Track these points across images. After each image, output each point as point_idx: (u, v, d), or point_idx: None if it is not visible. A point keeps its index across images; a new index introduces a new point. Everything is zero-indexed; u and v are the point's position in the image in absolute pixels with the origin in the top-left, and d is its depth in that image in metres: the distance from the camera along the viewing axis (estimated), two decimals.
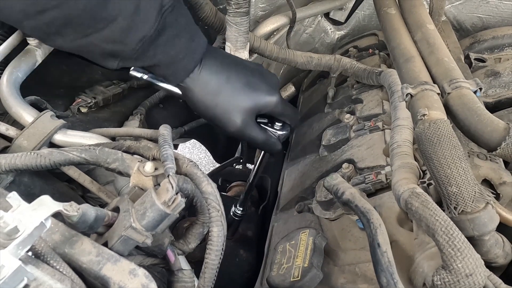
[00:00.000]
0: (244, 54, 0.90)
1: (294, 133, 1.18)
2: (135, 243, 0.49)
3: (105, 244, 0.48)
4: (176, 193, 0.51)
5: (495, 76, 0.95)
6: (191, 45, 0.72)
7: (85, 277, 0.45)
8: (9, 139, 0.74)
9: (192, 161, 0.58)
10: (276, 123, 0.80)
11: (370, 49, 1.21)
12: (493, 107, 0.84)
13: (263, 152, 0.87)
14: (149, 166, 0.56)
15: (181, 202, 0.51)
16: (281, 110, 0.79)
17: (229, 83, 0.74)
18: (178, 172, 0.57)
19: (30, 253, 0.41)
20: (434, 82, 0.68)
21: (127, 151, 0.62)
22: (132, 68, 0.79)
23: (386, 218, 0.62)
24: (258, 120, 0.79)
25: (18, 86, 0.79)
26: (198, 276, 0.54)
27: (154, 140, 0.66)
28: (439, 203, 0.54)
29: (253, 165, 0.96)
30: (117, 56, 0.67)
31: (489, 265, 0.53)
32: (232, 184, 1.35)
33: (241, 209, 0.97)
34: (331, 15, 1.42)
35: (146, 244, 0.49)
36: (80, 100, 0.94)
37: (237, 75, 0.76)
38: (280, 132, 0.80)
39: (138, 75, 0.78)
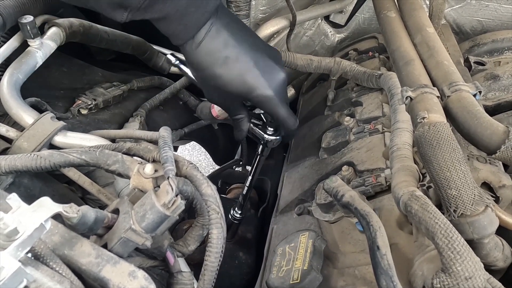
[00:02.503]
0: None
1: None
2: (135, 245, 0.49)
3: (105, 246, 0.48)
4: (176, 195, 0.51)
5: (495, 79, 0.95)
6: None
7: (84, 278, 0.45)
8: (9, 140, 0.74)
9: (192, 163, 0.58)
10: (269, 128, 0.78)
11: (370, 52, 1.21)
12: (492, 110, 0.84)
13: (258, 158, 0.87)
14: (149, 168, 0.56)
15: (180, 204, 0.51)
16: (271, 110, 0.75)
17: (227, 62, 0.71)
18: (178, 174, 0.57)
19: (29, 255, 0.41)
20: (434, 85, 0.68)
21: (127, 153, 0.62)
22: (170, 53, 0.78)
23: (385, 220, 0.62)
24: (252, 120, 0.78)
25: (18, 88, 0.79)
26: (197, 278, 0.53)
27: (154, 142, 0.66)
28: (439, 206, 0.54)
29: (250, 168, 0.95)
30: (126, 6, 0.63)
31: (488, 268, 0.53)
32: (232, 186, 1.35)
33: (239, 212, 0.97)
34: (331, 18, 1.42)
35: (146, 246, 0.49)
36: (80, 101, 0.94)
37: (248, 51, 0.72)
38: (268, 137, 0.78)
39: (173, 60, 0.79)
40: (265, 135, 0.78)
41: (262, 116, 0.80)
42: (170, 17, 0.66)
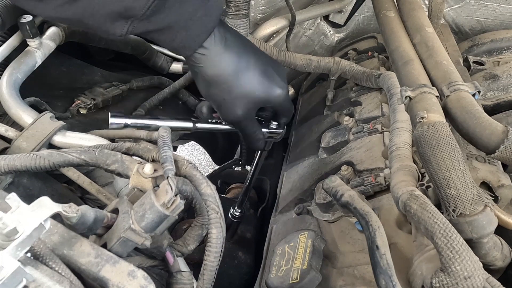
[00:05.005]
0: None
1: (293, 135, 1.18)
2: (134, 244, 0.49)
3: (104, 246, 0.48)
4: (175, 195, 0.51)
5: (494, 79, 0.95)
6: (207, 3, 0.63)
7: (84, 278, 0.45)
8: (8, 140, 0.74)
9: (191, 163, 0.58)
10: (273, 122, 0.79)
11: (369, 52, 1.21)
12: (491, 110, 0.84)
13: (259, 154, 0.87)
14: (148, 167, 0.56)
15: (180, 203, 0.51)
16: (285, 106, 0.75)
17: (248, 67, 0.68)
18: (178, 174, 0.57)
19: (29, 254, 0.41)
20: (433, 85, 0.68)
21: (126, 152, 0.62)
22: (111, 114, 0.70)
23: (385, 220, 0.62)
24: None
25: (17, 87, 0.79)
26: (197, 278, 0.54)
27: (154, 142, 0.66)
28: (438, 206, 0.54)
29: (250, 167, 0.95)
30: (127, 16, 0.58)
31: (487, 267, 0.53)
32: (231, 186, 1.35)
33: (239, 211, 0.97)
34: (330, 18, 1.42)
35: (145, 246, 0.49)
36: (79, 101, 0.94)
37: (256, 60, 0.70)
38: (277, 131, 0.80)
39: (119, 121, 0.69)
40: (276, 131, 0.79)
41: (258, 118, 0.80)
42: (176, 26, 0.61)
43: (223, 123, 0.77)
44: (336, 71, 1.10)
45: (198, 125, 0.76)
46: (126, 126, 0.71)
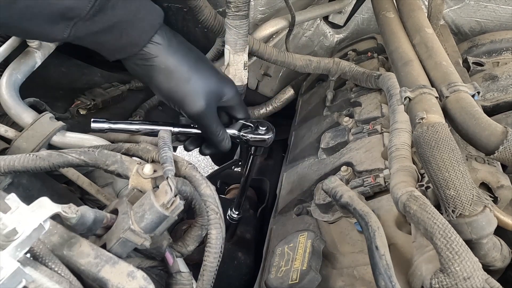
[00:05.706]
0: (243, 57, 0.90)
1: (293, 136, 1.18)
2: (134, 245, 0.49)
3: (104, 246, 0.48)
4: (175, 195, 0.51)
5: (493, 80, 0.95)
6: (149, 3, 0.64)
7: (83, 279, 0.45)
8: (8, 140, 0.74)
9: (191, 164, 0.58)
10: (260, 128, 0.79)
11: (369, 53, 1.21)
12: (491, 111, 0.84)
13: (252, 158, 0.86)
14: (148, 168, 0.57)
15: (179, 204, 0.51)
16: (238, 101, 0.77)
17: (198, 63, 0.70)
18: (177, 174, 0.57)
19: (28, 255, 0.41)
20: (432, 85, 0.68)
21: (126, 153, 0.62)
22: (93, 120, 0.70)
23: (384, 221, 0.62)
24: (243, 132, 0.78)
25: (17, 88, 0.79)
26: (196, 279, 0.54)
27: (153, 143, 0.66)
28: (437, 207, 0.54)
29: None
30: (70, 16, 0.55)
31: (487, 268, 0.53)
32: (231, 187, 1.35)
33: (237, 212, 0.97)
34: (330, 19, 1.42)
35: (145, 246, 0.49)
36: (79, 102, 0.94)
37: (203, 57, 0.74)
38: (267, 136, 0.80)
39: (101, 126, 0.70)
40: (265, 136, 0.79)
41: (246, 123, 0.80)
42: (122, 24, 0.60)
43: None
44: (336, 71, 1.10)
45: (174, 129, 0.75)
46: (108, 130, 0.71)
